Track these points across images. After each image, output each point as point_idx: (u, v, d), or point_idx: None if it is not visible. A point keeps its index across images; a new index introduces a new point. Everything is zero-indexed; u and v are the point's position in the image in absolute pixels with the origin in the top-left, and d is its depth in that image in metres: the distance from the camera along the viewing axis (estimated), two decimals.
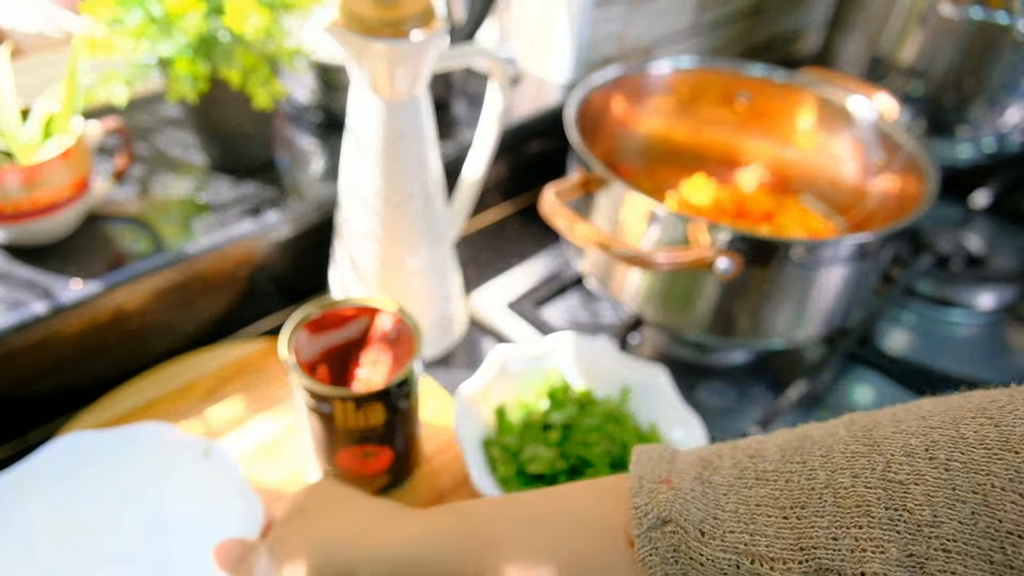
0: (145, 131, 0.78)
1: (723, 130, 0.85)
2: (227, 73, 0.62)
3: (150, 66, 0.61)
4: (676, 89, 0.83)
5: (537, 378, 0.64)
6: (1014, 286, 0.83)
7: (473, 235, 0.89)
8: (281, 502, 0.46)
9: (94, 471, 0.53)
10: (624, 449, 0.58)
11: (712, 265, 0.56)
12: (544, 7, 0.92)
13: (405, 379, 0.52)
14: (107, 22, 0.59)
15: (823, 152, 0.80)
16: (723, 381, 0.72)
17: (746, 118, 0.84)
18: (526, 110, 0.89)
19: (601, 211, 0.65)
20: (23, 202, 0.59)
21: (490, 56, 0.63)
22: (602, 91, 0.76)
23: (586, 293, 0.82)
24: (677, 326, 0.65)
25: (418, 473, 0.60)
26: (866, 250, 0.60)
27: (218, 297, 0.70)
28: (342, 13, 0.54)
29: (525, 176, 0.93)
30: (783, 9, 1.22)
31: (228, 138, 0.70)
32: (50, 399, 0.62)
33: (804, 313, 0.63)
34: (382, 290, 0.67)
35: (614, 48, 0.98)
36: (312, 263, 0.75)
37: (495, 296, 0.79)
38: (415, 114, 0.59)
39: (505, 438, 0.59)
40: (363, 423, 0.52)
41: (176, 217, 0.68)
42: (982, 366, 0.77)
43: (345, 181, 0.64)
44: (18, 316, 0.57)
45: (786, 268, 0.59)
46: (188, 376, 0.66)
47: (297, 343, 0.54)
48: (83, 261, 0.62)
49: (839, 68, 1.19)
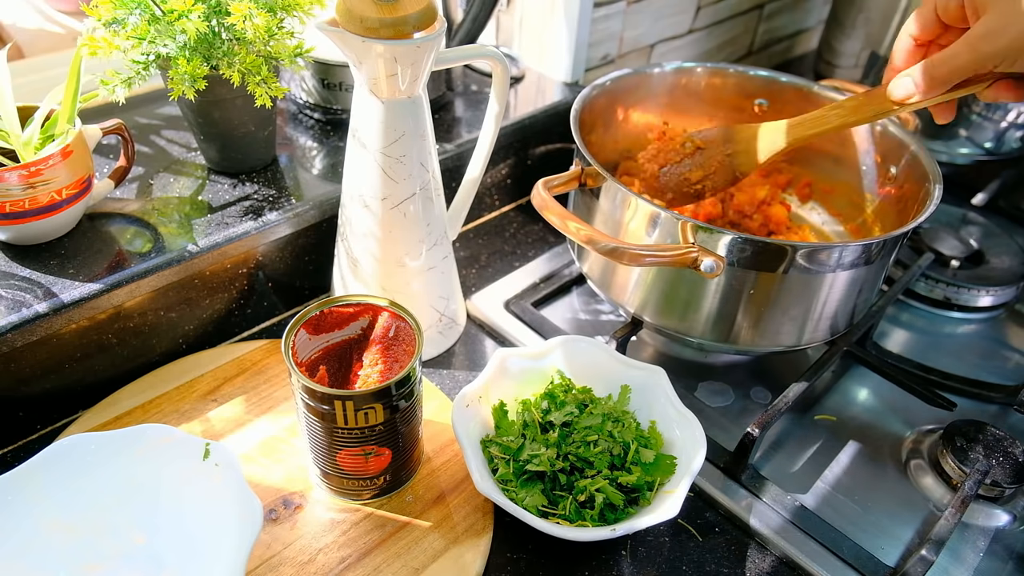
0: (145, 131, 0.78)
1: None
2: (227, 73, 0.62)
3: (150, 66, 0.61)
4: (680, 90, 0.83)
5: (537, 378, 0.64)
6: (1013, 286, 0.83)
7: (473, 235, 0.89)
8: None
9: (95, 472, 0.53)
10: (624, 449, 0.58)
11: (696, 263, 0.56)
12: (544, 7, 0.92)
13: (405, 379, 0.52)
14: (107, 22, 0.59)
15: (829, 156, 0.80)
16: (723, 381, 0.73)
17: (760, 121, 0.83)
18: (526, 110, 0.89)
19: (602, 211, 0.65)
20: (23, 201, 0.59)
21: (490, 56, 0.63)
22: (603, 91, 0.76)
23: (586, 293, 0.82)
24: (678, 330, 0.65)
25: (418, 473, 0.61)
26: (873, 253, 0.60)
27: (218, 297, 0.70)
28: (342, 13, 0.54)
29: (525, 176, 0.93)
30: (783, 9, 1.22)
31: (228, 138, 0.70)
32: (50, 399, 0.63)
33: (809, 318, 0.63)
34: (382, 290, 0.67)
35: (614, 48, 0.98)
36: (312, 263, 0.75)
37: (495, 296, 0.79)
38: (415, 114, 0.59)
39: (505, 438, 0.59)
40: (363, 423, 0.52)
41: (176, 217, 0.68)
42: (982, 366, 0.77)
43: (345, 181, 0.64)
44: (19, 315, 0.57)
45: (792, 273, 0.59)
46: (188, 376, 0.66)
47: (297, 343, 0.55)
48: (83, 261, 0.62)
49: (839, 67, 1.19)
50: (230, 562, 0.48)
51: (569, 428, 0.59)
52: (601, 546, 0.58)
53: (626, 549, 0.58)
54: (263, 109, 0.68)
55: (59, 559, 0.50)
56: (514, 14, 0.97)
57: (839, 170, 0.79)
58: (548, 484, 0.57)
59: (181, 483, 0.54)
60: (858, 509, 0.61)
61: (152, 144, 0.76)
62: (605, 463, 0.57)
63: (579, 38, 0.91)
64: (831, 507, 0.61)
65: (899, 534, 0.60)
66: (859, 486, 0.63)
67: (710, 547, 0.59)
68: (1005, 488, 0.61)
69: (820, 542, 0.58)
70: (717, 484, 0.62)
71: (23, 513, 0.51)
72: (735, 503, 0.60)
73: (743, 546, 0.59)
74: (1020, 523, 0.62)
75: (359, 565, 0.54)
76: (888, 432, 0.69)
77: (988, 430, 0.65)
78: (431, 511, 0.58)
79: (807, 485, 0.63)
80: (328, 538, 0.55)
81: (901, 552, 0.59)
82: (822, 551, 0.57)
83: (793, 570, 0.57)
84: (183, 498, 0.53)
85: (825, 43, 1.20)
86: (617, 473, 0.57)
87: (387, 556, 0.54)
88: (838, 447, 0.67)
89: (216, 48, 0.62)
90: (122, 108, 0.76)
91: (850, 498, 0.62)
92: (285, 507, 0.57)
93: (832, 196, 0.81)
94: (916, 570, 0.54)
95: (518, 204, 0.95)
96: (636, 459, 0.58)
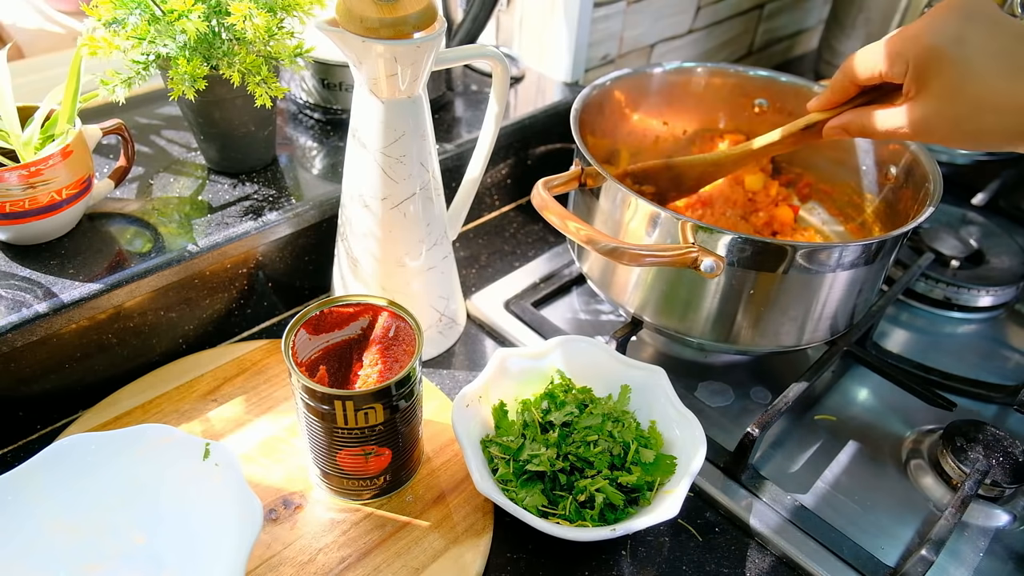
0: (145, 131, 0.78)
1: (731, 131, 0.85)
2: (227, 73, 0.62)
3: (150, 66, 0.61)
4: (680, 90, 0.82)
5: (537, 378, 0.64)
6: (1013, 286, 0.83)
7: (473, 235, 0.89)
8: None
9: (95, 472, 0.53)
10: (624, 449, 0.58)
11: (696, 263, 0.56)
12: (544, 7, 0.92)
13: (405, 379, 0.52)
14: (107, 22, 0.59)
15: (828, 157, 0.80)
16: (723, 381, 0.73)
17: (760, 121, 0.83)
18: (526, 110, 0.89)
19: (602, 211, 0.65)
20: (23, 201, 0.59)
21: (490, 56, 0.63)
22: (603, 91, 0.76)
23: (586, 293, 0.82)
24: (678, 330, 0.65)
25: (418, 473, 0.61)
26: (873, 253, 0.60)
27: (218, 297, 0.70)
28: (342, 13, 0.54)
29: (525, 176, 0.93)
30: (783, 9, 1.22)
31: (228, 138, 0.70)
32: (50, 399, 0.63)
33: (809, 318, 0.63)
34: (382, 290, 0.67)
35: (614, 48, 0.98)
36: (312, 263, 0.75)
37: (495, 296, 0.79)
38: (415, 114, 0.59)
39: (505, 438, 0.59)
40: (363, 423, 0.52)
41: (176, 217, 0.68)
42: (982, 366, 0.77)
43: (345, 181, 0.64)
44: (19, 315, 0.57)
45: (792, 273, 0.59)
46: (188, 376, 0.66)
47: (297, 343, 0.55)
48: (83, 261, 0.62)
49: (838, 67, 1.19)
50: (230, 561, 0.48)
51: (569, 428, 0.59)
52: (601, 546, 0.58)
53: (626, 549, 0.58)
54: (263, 109, 0.68)
55: (60, 559, 0.50)
56: (514, 14, 0.97)
57: (839, 170, 0.79)
58: (548, 484, 0.57)
59: (181, 483, 0.54)
60: (858, 509, 0.61)
61: (152, 144, 0.76)
62: (605, 463, 0.57)
63: (579, 38, 0.91)
64: (831, 507, 0.61)
65: (899, 534, 0.60)
66: (859, 486, 0.63)
67: (710, 547, 0.59)
68: (1005, 488, 0.61)
69: (820, 542, 0.58)
70: (717, 484, 0.62)
71: (25, 514, 0.51)
72: (735, 503, 0.60)
73: (743, 546, 0.59)
74: (1020, 523, 0.62)
75: (359, 565, 0.54)
76: (888, 432, 0.69)
77: (988, 430, 0.65)
78: (431, 511, 0.58)
79: (807, 485, 0.63)
80: (328, 538, 0.55)
81: (901, 552, 0.59)
82: (822, 551, 0.57)
83: (793, 570, 0.57)
84: (183, 498, 0.53)
85: (825, 43, 1.20)
86: (617, 473, 0.57)
87: (387, 556, 0.54)
88: (838, 447, 0.67)
89: (216, 48, 0.62)
90: (122, 108, 0.76)
91: (850, 498, 0.62)
92: (285, 507, 0.57)
93: (832, 196, 0.81)
94: (916, 570, 0.54)
95: (518, 204, 0.95)
96: (636, 459, 0.58)
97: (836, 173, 0.80)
